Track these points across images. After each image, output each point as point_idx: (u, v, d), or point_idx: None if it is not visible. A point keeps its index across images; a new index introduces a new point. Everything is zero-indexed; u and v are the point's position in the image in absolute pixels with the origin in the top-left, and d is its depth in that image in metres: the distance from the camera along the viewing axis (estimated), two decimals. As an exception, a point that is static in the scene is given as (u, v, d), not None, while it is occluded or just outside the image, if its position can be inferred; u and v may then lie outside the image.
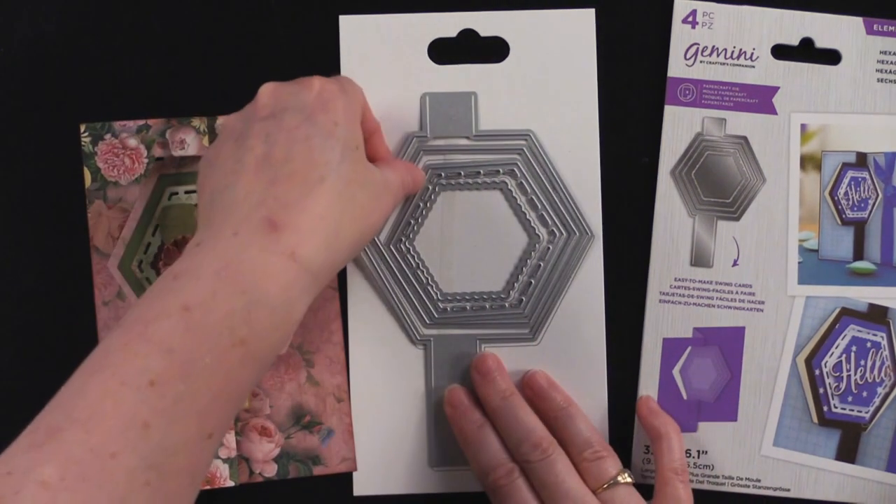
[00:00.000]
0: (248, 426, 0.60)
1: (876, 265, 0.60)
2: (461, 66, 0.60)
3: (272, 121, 0.49)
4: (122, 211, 0.59)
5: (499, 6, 0.60)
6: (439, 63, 0.60)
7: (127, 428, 0.40)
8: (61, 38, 0.60)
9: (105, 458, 0.39)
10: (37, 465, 0.39)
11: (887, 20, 0.59)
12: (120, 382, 0.41)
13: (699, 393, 0.60)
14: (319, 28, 0.60)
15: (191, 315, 0.43)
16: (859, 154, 0.60)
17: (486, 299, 0.60)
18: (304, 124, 0.49)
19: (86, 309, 0.60)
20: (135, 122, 0.60)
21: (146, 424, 0.41)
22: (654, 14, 0.60)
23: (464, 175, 0.59)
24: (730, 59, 0.60)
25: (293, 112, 0.49)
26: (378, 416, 0.60)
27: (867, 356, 0.60)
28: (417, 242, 0.60)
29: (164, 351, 0.42)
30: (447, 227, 0.60)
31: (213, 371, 0.43)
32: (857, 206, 0.60)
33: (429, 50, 0.60)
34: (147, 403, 0.41)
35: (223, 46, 0.60)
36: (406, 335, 0.60)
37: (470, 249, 0.60)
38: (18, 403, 0.60)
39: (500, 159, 0.59)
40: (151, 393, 0.41)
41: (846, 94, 0.60)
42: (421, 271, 0.60)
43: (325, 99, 0.50)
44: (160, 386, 0.41)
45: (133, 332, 0.43)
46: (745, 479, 0.60)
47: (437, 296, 0.60)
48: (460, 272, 0.60)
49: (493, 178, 0.60)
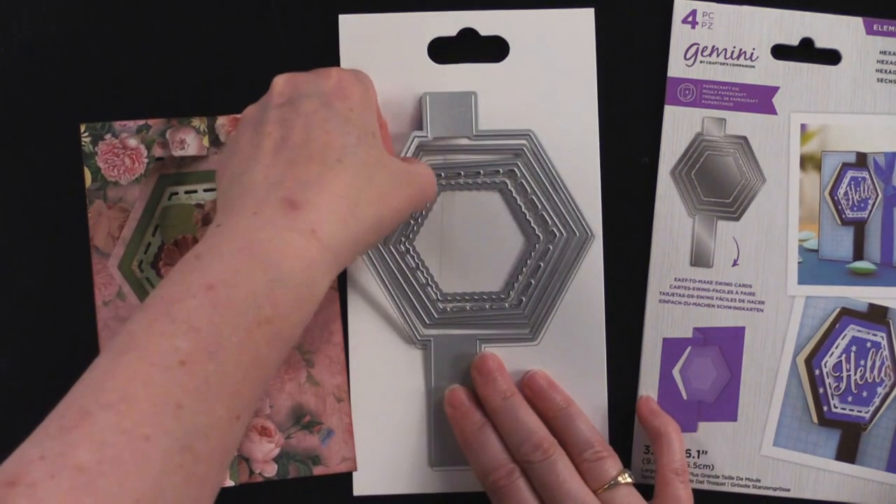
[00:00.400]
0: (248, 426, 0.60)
1: (876, 265, 0.60)
2: (461, 65, 0.60)
3: (289, 106, 0.49)
4: (123, 211, 0.59)
5: (499, 5, 0.60)
6: (439, 62, 0.60)
7: (159, 409, 0.40)
8: (61, 38, 0.60)
9: (139, 441, 0.39)
10: (70, 448, 0.38)
11: (887, 20, 0.59)
12: (149, 363, 0.41)
13: (699, 393, 0.60)
14: (319, 27, 0.60)
15: (215, 293, 0.43)
16: (859, 154, 0.60)
17: (485, 299, 0.60)
18: (322, 109, 0.49)
19: (86, 309, 0.60)
20: (135, 122, 0.60)
21: (179, 405, 0.40)
22: (653, 14, 0.60)
23: (464, 175, 0.59)
24: (730, 59, 0.60)
25: (310, 98, 0.50)
26: (378, 415, 0.60)
27: (867, 356, 0.60)
28: (417, 243, 0.60)
29: (191, 330, 0.42)
30: (447, 227, 0.60)
31: (241, 350, 0.42)
32: (857, 206, 0.60)
33: (428, 49, 0.60)
34: (178, 384, 0.41)
35: (223, 46, 0.60)
36: (406, 335, 0.60)
37: (470, 249, 0.60)
38: (18, 403, 0.60)
39: (499, 159, 0.59)
40: (182, 373, 0.41)
41: (846, 94, 0.60)
42: (421, 271, 0.60)
43: (343, 87, 0.51)
44: (190, 366, 0.41)
45: (158, 312, 0.42)
46: (745, 479, 0.60)
47: (436, 296, 0.60)
48: (460, 272, 0.60)
49: (492, 178, 0.60)
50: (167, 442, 0.39)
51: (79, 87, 0.60)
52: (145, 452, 0.39)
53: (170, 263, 0.59)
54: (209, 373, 0.41)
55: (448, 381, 0.59)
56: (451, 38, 0.60)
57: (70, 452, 0.38)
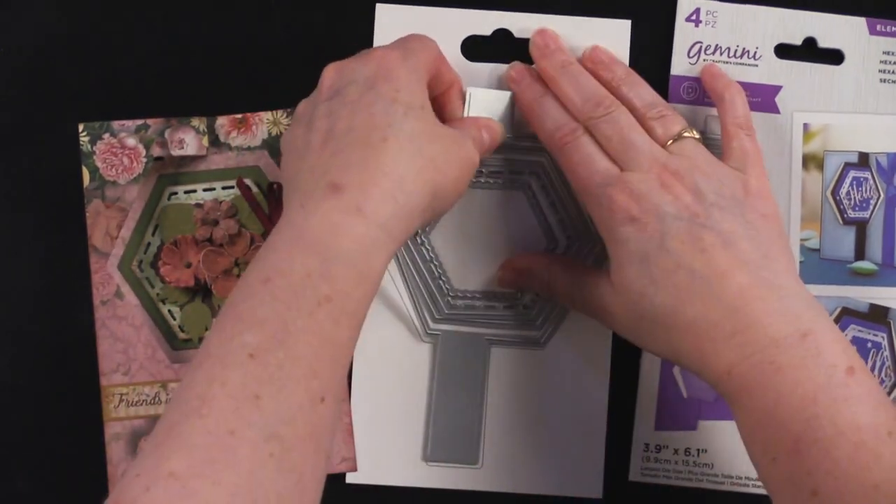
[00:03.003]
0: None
1: (877, 265, 0.60)
2: (493, 64, 0.59)
3: (336, 98, 0.50)
4: (121, 210, 0.59)
5: (536, 9, 0.60)
6: (471, 60, 0.60)
7: (238, 404, 0.41)
8: (61, 38, 0.60)
9: (225, 437, 0.40)
10: (162, 460, 0.39)
11: (890, 21, 0.59)
12: (222, 365, 0.42)
13: (699, 392, 0.60)
14: (356, 15, 0.60)
15: (273, 284, 0.44)
16: (861, 154, 0.60)
17: (498, 299, 0.60)
18: (367, 94, 0.49)
19: (83, 308, 0.60)
20: (133, 122, 0.59)
21: (256, 396, 0.41)
22: (657, 12, 0.60)
23: (485, 174, 0.59)
24: (733, 58, 0.59)
25: (354, 85, 0.50)
26: (377, 406, 0.60)
27: (868, 356, 0.60)
28: (433, 236, 0.59)
29: (256, 324, 0.43)
30: (465, 223, 0.60)
31: (308, 332, 0.43)
32: (858, 206, 0.60)
33: (462, 46, 0.60)
34: (252, 376, 0.41)
35: (222, 46, 0.60)
36: (413, 328, 0.59)
37: (487, 248, 0.60)
38: (18, 403, 0.60)
39: (526, 160, 0.59)
40: (254, 365, 0.42)
41: (849, 94, 0.60)
42: (435, 265, 0.59)
43: (387, 69, 0.50)
44: (260, 356, 0.42)
45: (226, 317, 0.44)
46: (745, 479, 0.60)
47: (448, 290, 0.59)
48: (475, 269, 0.60)
49: (517, 177, 0.59)
50: (252, 433, 0.40)
51: (77, 87, 0.60)
52: (233, 447, 0.40)
53: (169, 263, 0.59)
54: (281, 360, 0.42)
55: (451, 378, 0.59)
56: (485, 38, 0.60)
57: (162, 464, 0.39)
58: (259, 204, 0.59)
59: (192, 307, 0.60)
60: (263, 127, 0.59)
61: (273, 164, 0.59)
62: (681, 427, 0.59)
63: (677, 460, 0.60)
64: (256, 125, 0.59)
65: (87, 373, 0.59)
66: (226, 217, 0.59)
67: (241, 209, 0.59)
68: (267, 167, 0.60)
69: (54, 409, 0.60)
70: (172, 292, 0.60)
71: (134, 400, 0.59)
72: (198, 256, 0.59)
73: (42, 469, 0.60)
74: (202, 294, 0.60)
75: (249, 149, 0.60)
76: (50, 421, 0.60)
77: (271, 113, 0.60)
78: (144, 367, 0.59)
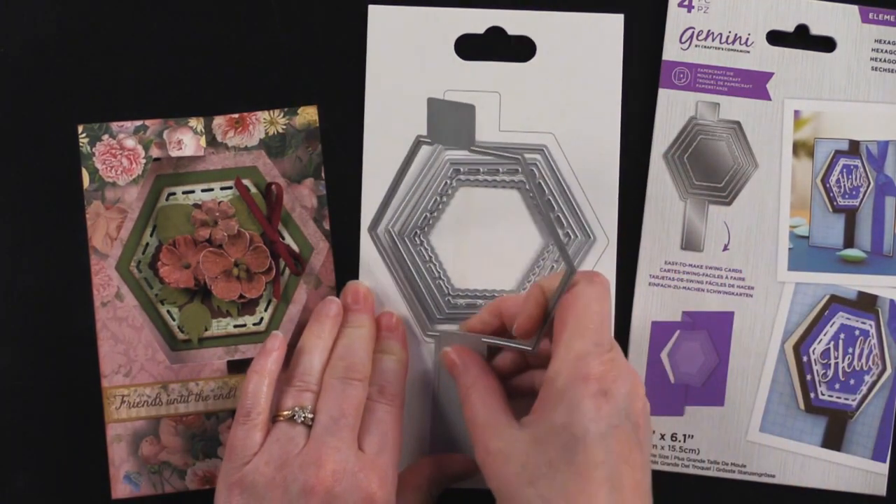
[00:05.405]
0: None
1: (866, 253, 0.60)
2: (487, 63, 0.59)
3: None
4: (120, 211, 0.59)
5: (528, 6, 0.59)
6: (465, 59, 0.59)
7: None
8: (60, 38, 0.60)
9: None
10: None
11: (883, 9, 0.59)
12: None
13: (686, 377, 0.60)
14: (353, 15, 0.60)
15: None
16: (852, 142, 0.60)
17: (497, 297, 0.60)
18: None
19: (84, 309, 0.60)
20: (132, 123, 0.59)
21: None
22: (648, 4, 0.60)
23: (482, 172, 0.59)
24: (725, 44, 0.59)
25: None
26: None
27: (855, 344, 0.60)
28: (432, 236, 0.60)
29: None
30: (463, 223, 0.60)
31: None
32: (848, 193, 0.60)
33: (455, 45, 0.60)
34: None
35: (221, 47, 0.60)
36: (414, 328, 0.60)
37: (485, 247, 0.60)
38: (18, 403, 0.60)
39: (522, 159, 0.59)
40: None
41: (840, 82, 0.60)
42: (433, 265, 0.59)
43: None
44: None
45: None
46: (731, 465, 0.60)
47: (448, 290, 0.60)
48: (473, 269, 0.60)
49: (512, 177, 0.59)
50: None
51: (76, 89, 0.60)
52: None
53: (168, 264, 0.59)
54: None
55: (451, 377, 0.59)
56: (478, 36, 0.60)
57: None
58: (257, 205, 0.59)
59: (191, 308, 0.60)
60: (260, 126, 0.59)
61: (270, 164, 0.59)
62: (668, 412, 0.60)
63: (664, 445, 0.60)
64: (253, 125, 0.59)
65: (88, 374, 0.60)
66: (225, 217, 0.59)
67: (240, 210, 0.59)
68: (264, 167, 0.59)
69: (56, 410, 0.60)
70: (171, 293, 0.60)
71: (135, 401, 0.59)
72: (197, 257, 0.59)
73: (44, 470, 0.60)
74: (201, 295, 0.60)
75: (246, 148, 0.59)
76: (52, 422, 0.60)
77: (268, 112, 0.59)
78: (145, 369, 0.59)
